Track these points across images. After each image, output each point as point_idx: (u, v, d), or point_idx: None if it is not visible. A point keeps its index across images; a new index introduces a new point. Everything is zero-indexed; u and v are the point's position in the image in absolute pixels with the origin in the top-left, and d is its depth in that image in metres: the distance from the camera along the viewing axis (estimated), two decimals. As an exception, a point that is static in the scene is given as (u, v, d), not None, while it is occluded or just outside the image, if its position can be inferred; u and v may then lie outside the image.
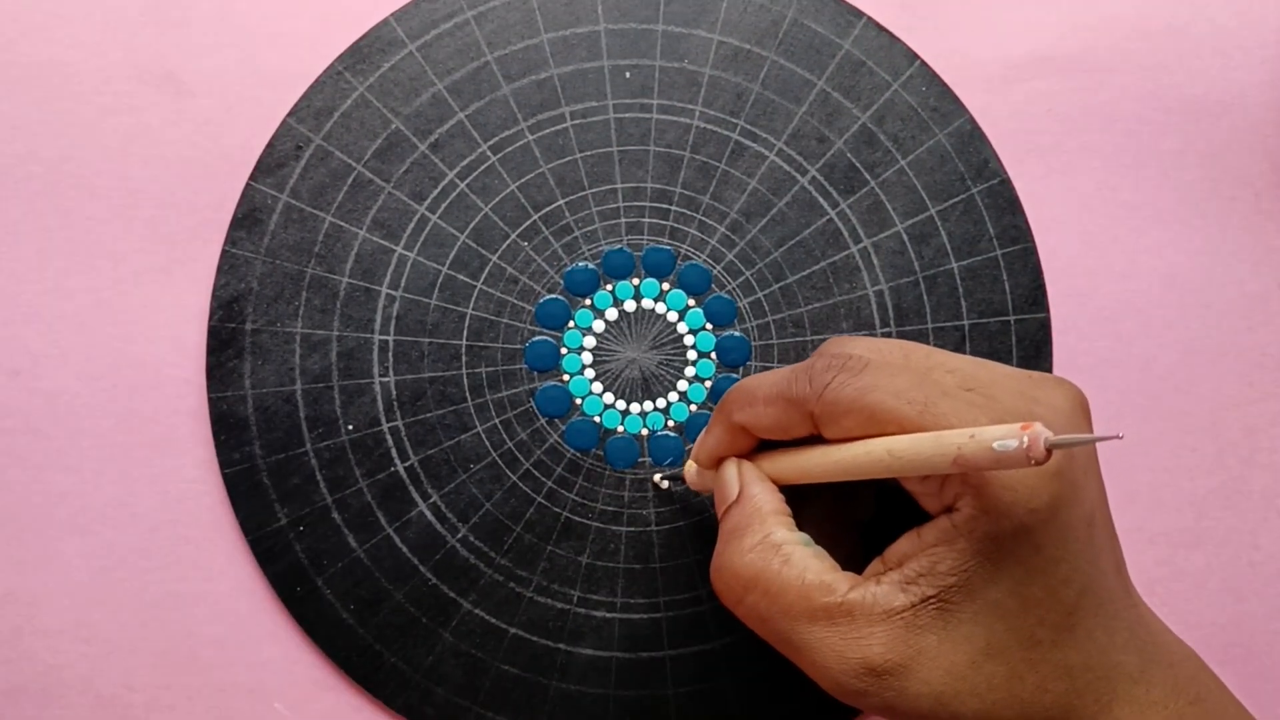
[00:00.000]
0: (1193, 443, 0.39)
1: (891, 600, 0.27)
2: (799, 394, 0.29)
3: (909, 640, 0.27)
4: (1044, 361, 0.39)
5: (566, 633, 0.38)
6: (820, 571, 0.29)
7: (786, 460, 0.31)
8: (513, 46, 0.39)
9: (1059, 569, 0.27)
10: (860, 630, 0.28)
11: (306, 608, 0.38)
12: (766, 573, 0.29)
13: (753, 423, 0.31)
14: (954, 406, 0.27)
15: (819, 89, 0.39)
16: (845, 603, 0.28)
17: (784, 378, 0.30)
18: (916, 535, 0.28)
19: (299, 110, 0.39)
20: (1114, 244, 0.40)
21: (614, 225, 0.39)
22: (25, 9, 0.39)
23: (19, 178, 0.39)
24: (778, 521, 0.30)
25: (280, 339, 0.38)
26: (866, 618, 0.27)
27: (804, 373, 0.29)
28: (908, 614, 0.27)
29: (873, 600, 0.28)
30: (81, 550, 0.38)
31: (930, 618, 0.27)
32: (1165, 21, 0.40)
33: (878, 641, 0.27)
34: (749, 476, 0.31)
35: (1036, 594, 0.27)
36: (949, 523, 0.27)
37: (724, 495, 0.31)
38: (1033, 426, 0.24)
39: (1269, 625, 0.39)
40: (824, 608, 0.28)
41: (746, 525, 0.30)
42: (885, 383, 0.28)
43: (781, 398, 0.30)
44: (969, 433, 0.25)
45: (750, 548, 0.29)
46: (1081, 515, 0.28)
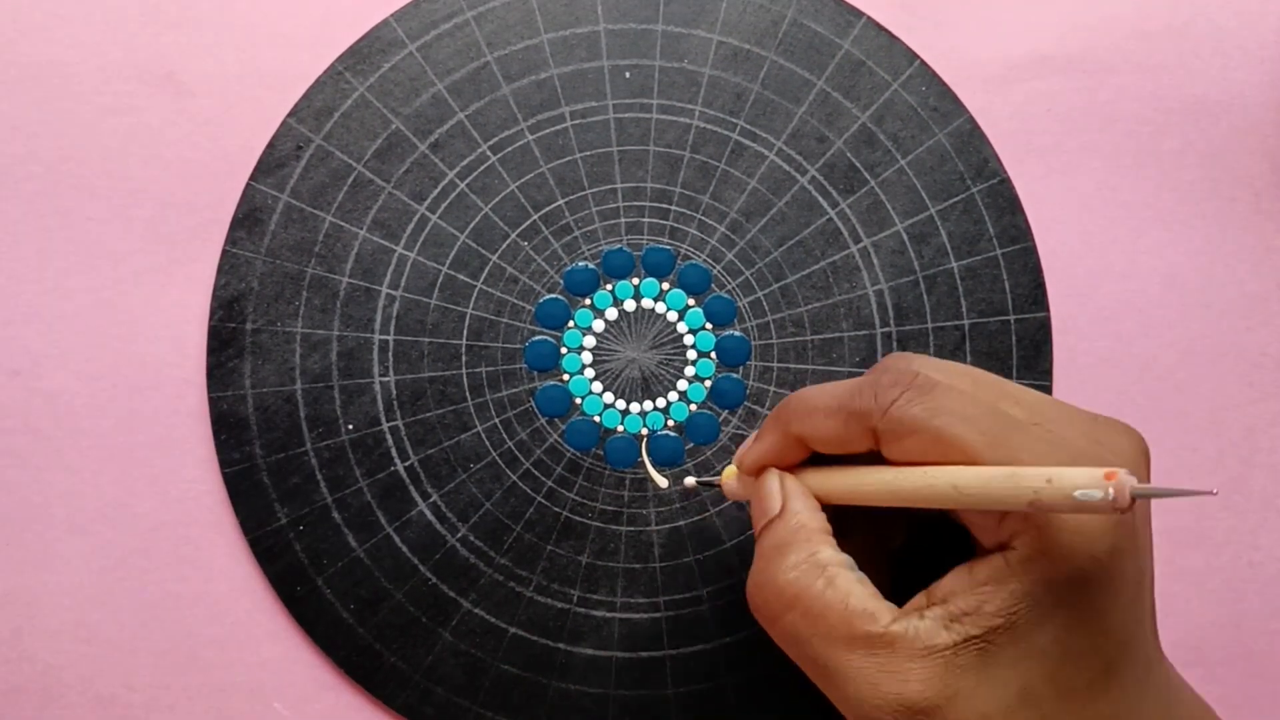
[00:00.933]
0: (1193, 443, 0.39)
1: (934, 637, 0.27)
2: (862, 408, 0.28)
3: (947, 680, 0.26)
4: (1044, 361, 0.39)
5: (566, 632, 0.38)
6: (864, 598, 0.28)
7: (838, 478, 0.30)
8: (513, 46, 0.39)
9: (1105, 620, 0.27)
10: (899, 664, 0.27)
11: (306, 608, 0.38)
12: (809, 593, 0.28)
13: (810, 434, 0.30)
14: (1024, 442, 0.26)
15: (819, 89, 0.39)
16: (887, 634, 0.27)
17: (846, 390, 0.29)
18: (968, 571, 0.27)
19: (299, 110, 0.39)
20: (1114, 244, 0.40)
21: (614, 225, 0.39)
22: (25, 9, 0.39)
23: (19, 178, 0.39)
24: (823, 541, 0.29)
25: (280, 339, 0.38)
26: (907, 651, 0.27)
27: (869, 386, 0.28)
28: (949, 653, 0.26)
29: (914, 634, 0.27)
30: (81, 550, 0.38)
31: (971, 658, 0.26)
32: (1165, 21, 0.40)
33: (916, 678, 0.26)
34: (792, 491, 0.30)
35: (1079, 644, 0.26)
36: (1003, 561, 0.26)
37: (765, 509, 0.30)
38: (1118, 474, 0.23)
39: (1269, 625, 0.39)
40: (865, 636, 0.27)
41: (790, 542, 0.29)
42: (955, 407, 0.27)
43: (844, 410, 0.29)
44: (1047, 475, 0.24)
45: (793, 565, 0.28)
46: (1135, 567, 0.27)
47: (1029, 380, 0.39)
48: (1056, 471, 0.24)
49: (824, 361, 0.39)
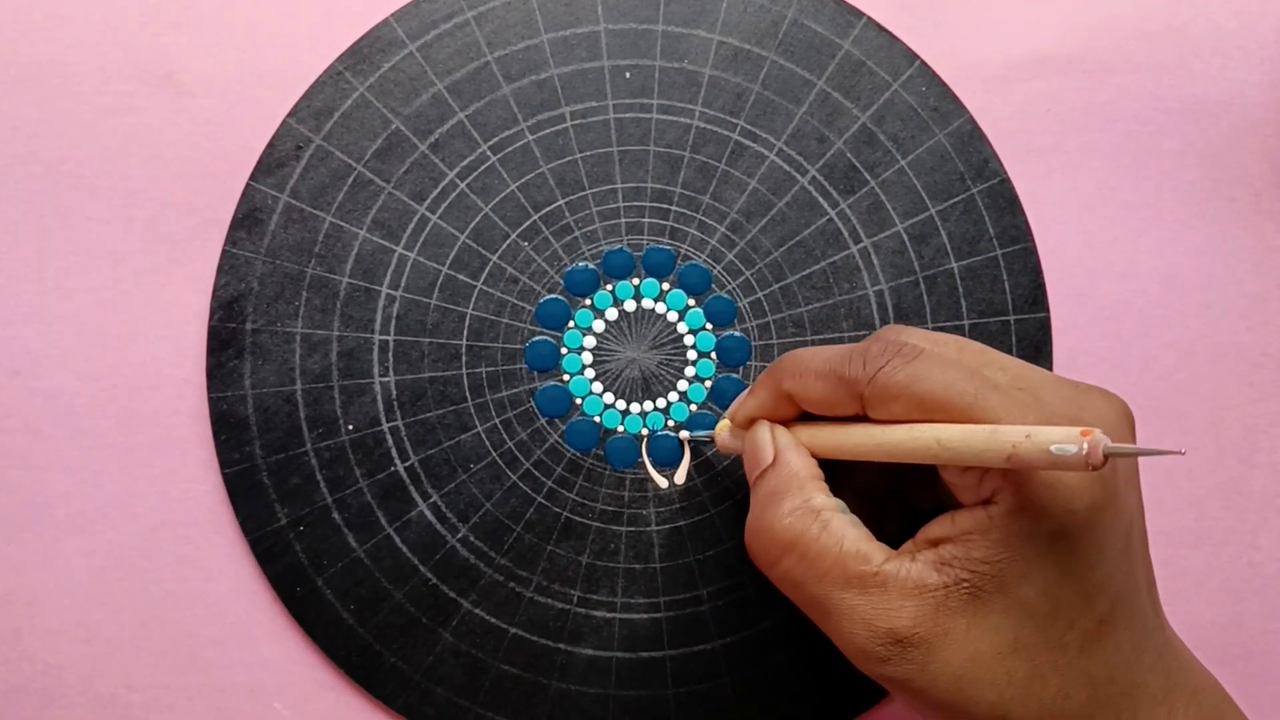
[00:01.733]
0: (1193, 443, 0.39)
1: (925, 577, 0.28)
2: (851, 374, 0.29)
3: (937, 619, 0.27)
4: (1044, 361, 0.39)
5: (566, 633, 0.38)
6: (857, 540, 0.29)
7: (826, 433, 0.31)
8: (513, 47, 0.39)
9: (1094, 575, 0.27)
10: (891, 601, 0.28)
11: (306, 608, 0.38)
12: (805, 537, 0.29)
13: (801, 393, 0.31)
14: (1004, 402, 0.27)
15: (819, 89, 0.39)
16: (880, 573, 0.28)
17: (838, 355, 0.30)
18: (950, 520, 0.28)
19: (299, 110, 0.39)
20: (1114, 244, 0.40)
21: (614, 225, 0.39)
22: (25, 9, 0.39)
23: (19, 178, 0.39)
24: (815, 486, 0.30)
25: (280, 339, 0.38)
26: (899, 590, 0.28)
27: (859, 354, 0.29)
28: (939, 593, 0.27)
29: (906, 574, 0.28)
30: (81, 550, 0.38)
31: (961, 601, 0.27)
32: (1165, 21, 0.40)
33: (907, 614, 0.27)
34: (784, 441, 0.31)
35: (1069, 598, 0.27)
36: (985, 514, 0.27)
37: (758, 459, 0.31)
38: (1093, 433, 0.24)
39: (1269, 625, 0.39)
40: (859, 575, 0.28)
41: (785, 489, 0.30)
42: (938, 373, 0.28)
43: (834, 374, 0.30)
44: (1025, 431, 0.25)
45: (789, 511, 0.29)
46: (1120, 524, 0.28)
47: (1029, 380, 0.39)
48: (1035, 429, 0.25)
49: (824, 361, 0.39)
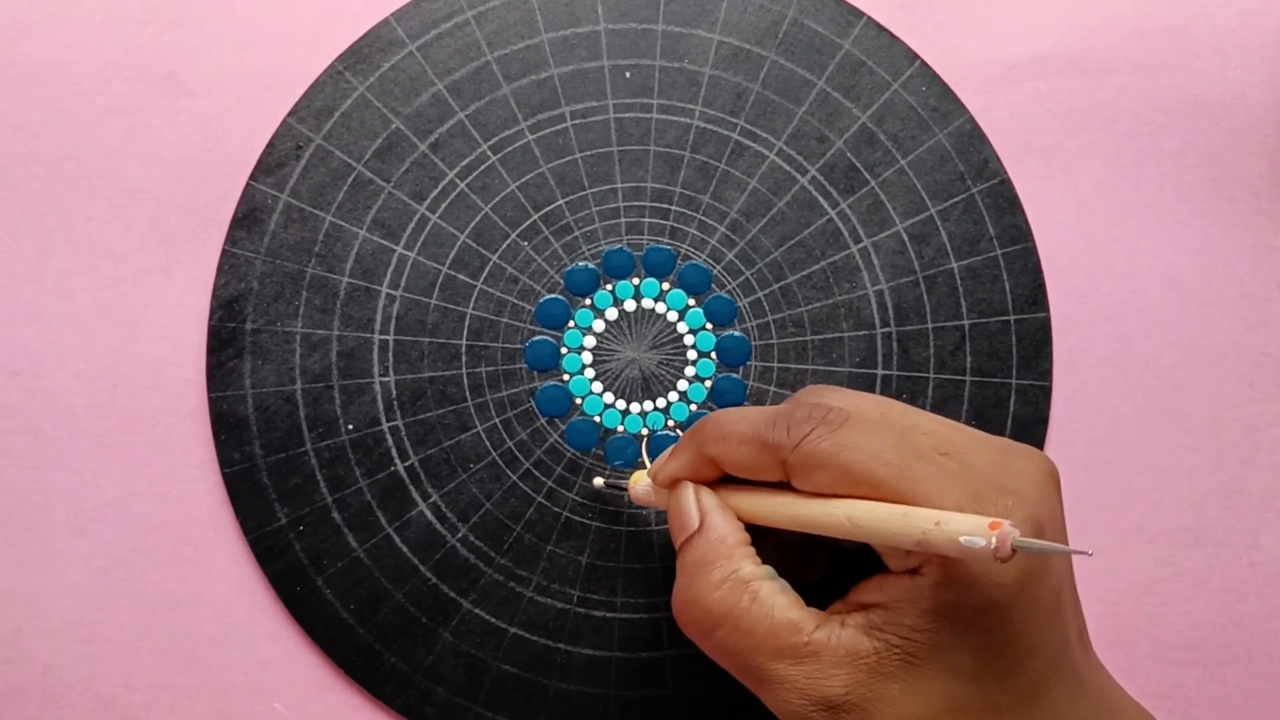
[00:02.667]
0: (1193, 443, 0.39)
1: (857, 644, 0.28)
2: (775, 440, 0.29)
3: (870, 684, 0.27)
4: (1044, 361, 0.39)
5: (566, 633, 0.38)
6: (787, 608, 0.29)
7: (747, 500, 0.31)
8: (513, 46, 0.39)
9: (1025, 640, 0.27)
10: (824, 670, 0.28)
11: (306, 608, 0.38)
12: (736, 610, 0.29)
13: (723, 458, 0.30)
14: (929, 472, 0.27)
15: (819, 89, 0.39)
16: (811, 642, 0.28)
17: (762, 420, 0.30)
18: (880, 585, 0.28)
19: (299, 110, 0.39)
20: (1114, 244, 0.40)
21: (614, 225, 0.39)
22: (25, 9, 0.39)
23: (19, 178, 0.39)
24: (744, 554, 0.30)
25: (280, 339, 0.38)
26: (831, 658, 0.28)
27: (783, 419, 0.29)
28: (871, 659, 0.27)
29: (837, 642, 0.28)
30: (81, 550, 0.38)
31: (895, 666, 0.27)
32: (1165, 21, 0.40)
33: (839, 682, 0.27)
34: (709, 505, 0.31)
35: (1002, 662, 0.27)
36: (913, 584, 0.27)
37: (683, 524, 0.31)
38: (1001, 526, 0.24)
39: (1269, 625, 0.39)
40: (790, 647, 0.28)
41: (713, 558, 0.30)
42: (863, 441, 0.28)
43: (757, 440, 0.29)
44: (935, 518, 0.26)
45: (718, 584, 0.29)
46: (1049, 588, 0.28)
47: (1029, 380, 0.39)
48: (945, 516, 0.25)
49: (824, 362, 0.39)
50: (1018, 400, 0.39)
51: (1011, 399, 0.39)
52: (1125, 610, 0.38)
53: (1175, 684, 0.38)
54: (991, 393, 0.39)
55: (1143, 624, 0.39)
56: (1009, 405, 0.39)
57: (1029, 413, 0.39)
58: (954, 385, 0.39)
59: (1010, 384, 0.39)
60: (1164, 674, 0.38)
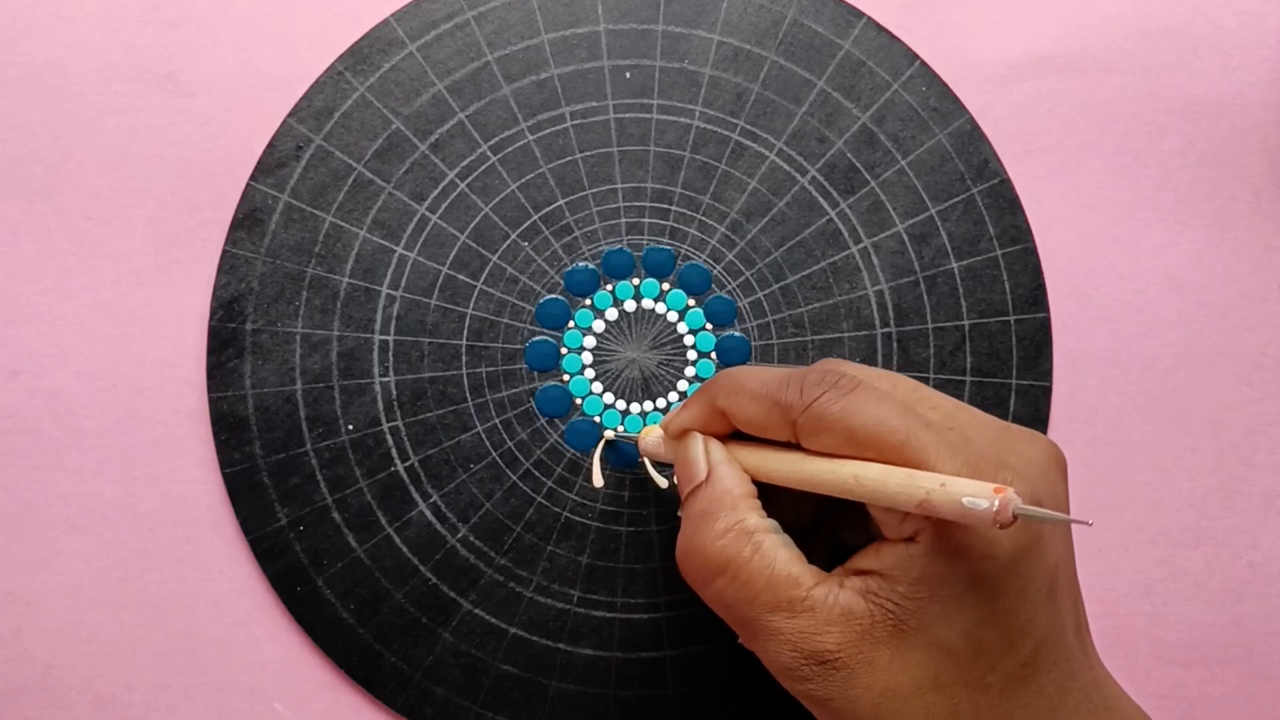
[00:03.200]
0: (1193, 443, 0.39)
1: (852, 605, 0.28)
2: (787, 400, 0.29)
3: (861, 646, 0.28)
4: (1044, 361, 0.39)
5: (566, 633, 0.38)
6: (788, 562, 0.29)
7: (755, 455, 0.31)
8: (513, 47, 0.39)
9: (1015, 619, 0.27)
10: (818, 626, 0.28)
11: (306, 608, 0.38)
12: (737, 560, 0.29)
13: (735, 413, 0.31)
14: (934, 441, 0.27)
15: (819, 89, 0.39)
16: (809, 597, 0.28)
17: (776, 379, 0.30)
18: (876, 553, 0.28)
19: (299, 110, 0.39)
20: (1114, 244, 0.40)
21: (614, 225, 0.39)
22: (25, 9, 0.39)
23: (19, 178, 0.39)
24: (749, 506, 0.30)
25: (280, 339, 0.38)
26: (826, 615, 0.28)
27: (796, 381, 0.29)
28: (865, 621, 0.28)
29: (834, 601, 0.28)
30: (81, 550, 0.38)
31: (886, 632, 0.28)
32: (1165, 21, 0.40)
33: (832, 639, 0.28)
34: (717, 457, 0.31)
35: (990, 640, 0.27)
36: (906, 551, 0.28)
37: (690, 474, 0.31)
38: (1005, 491, 0.24)
39: (1269, 625, 0.39)
40: (788, 600, 0.28)
41: (717, 509, 0.30)
42: (871, 407, 0.28)
43: (769, 398, 0.30)
44: (940, 480, 0.26)
45: (721, 533, 0.29)
46: (1044, 569, 0.28)
47: (1029, 380, 0.39)
48: (950, 478, 0.26)
49: (824, 361, 0.39)
50: (1018, 400, 0.39)
51: (1011, 399, 0.39)
52: (1125, 610, 0.38)
53: (1175, 684, 0.38)
54: (991, 393, 0.39)
55: (1143, 624, 0.39)
56: (1009, 405, 0.39)
57: (1029, 413, 0.39)
58: (954, 385, 0.39)
59: (1010, 384, 0.39)
60: (1164, 674, 0.38)
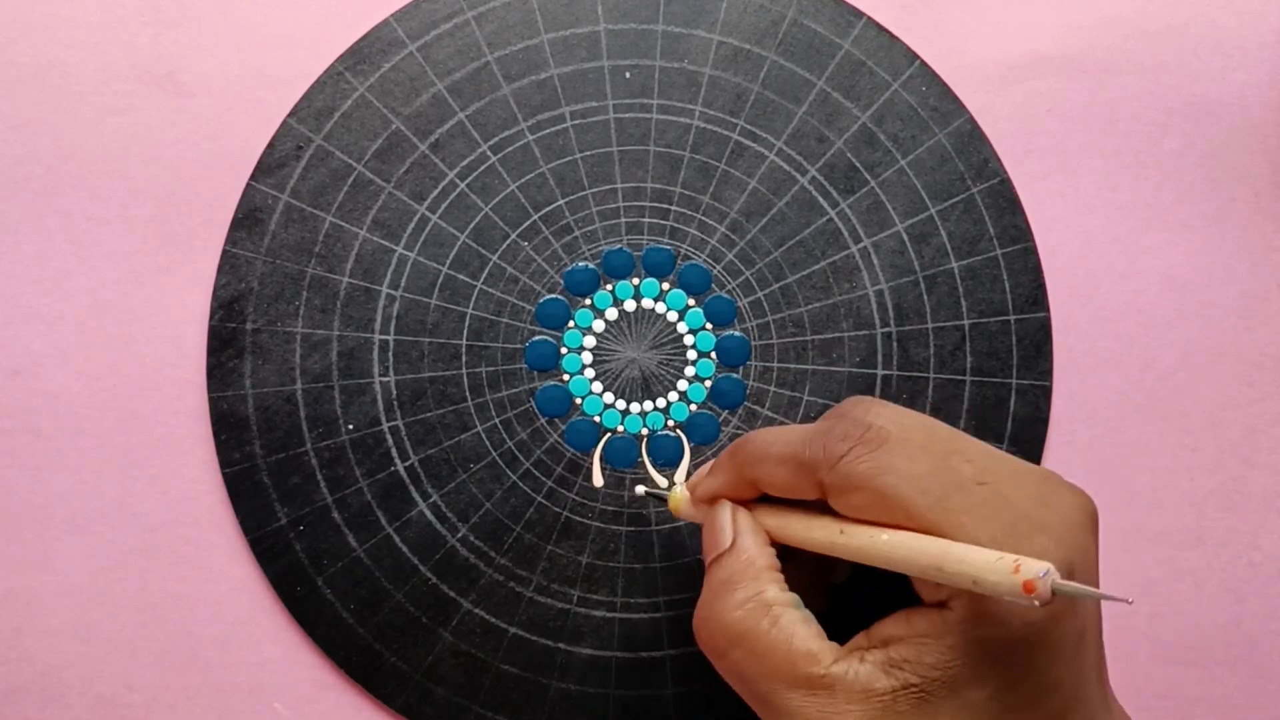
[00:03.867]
0: (1193, 443, 0.39)
1: (873, 681, 0.27)
2: (811, 459, 0.29)
3: None
4: (1044, 361, 0.39)
5: (566, 633, 0.38)
6: (807, 638, 0.28)
7: (788, 522, 0.30)
8: (513, 47, 0.39)
9: (1045, 678, 0.27)
10: (838, 705, 0.27)
11: (306, 608, 0.38)
12: (754, 632, 0.29)
13: (762, 480, 0.30)
14: (966, 504, 0.27)
15: (819, 89, 0.39)
16: (828, 675, 0.28)
17: (799, 438, 0.29)
18: (906, 620, 0.28)
19: (299, 110, 0.39)
20: (1114, 244, 0.40)
21: (614, 225, 0.39)
22: (25, 9, 0.39)
23: (19, 178, 0.39)
24: (770, 579, 0.30)
25: (280, 339, 0.38)
26: (846, 694, 0.27)
27: (820, 437, 0.29)
28: (887, 698, 0.27)
29: (854, 678, 0.27)
30: (81, 550, 0.38)
31: (909, 705, 0.27)
32: (1165, 21, 0.40)
33: (852, 718, 0.27)
34: (744, 526, 0.31)
35: (1019, 701, 0.27)
36: (940, 617, 0.27)
37: (715, 542, 0.31)
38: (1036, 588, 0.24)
39: (1269, 625, 0.39)
40: (806, 677, 0.28)
41: (739, 579, 0.29)
42: (901, 465, 0.27)
43: (794, 460, 0.29)
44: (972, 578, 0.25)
45: (740, 604, 0.29)
46: (1075, 628, 0.28)
47: (1029, 380, 0.39)
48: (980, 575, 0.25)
49: (824, 361, 0.39)
50: (1018, 400, 0.39)
51: (1011, 399, 0.39)
52: (1125, 610, 0.38)
53: (1175, 684, 0.38)
54: (991, 393, 0.39)
55: (1143, 624, 0.39)
56: (1009, 405, 0.39)
57: (1029, 413, 0.39)
58: (954, 385, 0.39)
59: (1010, 384, 0.39)
60: (1164, 674, 0.38)
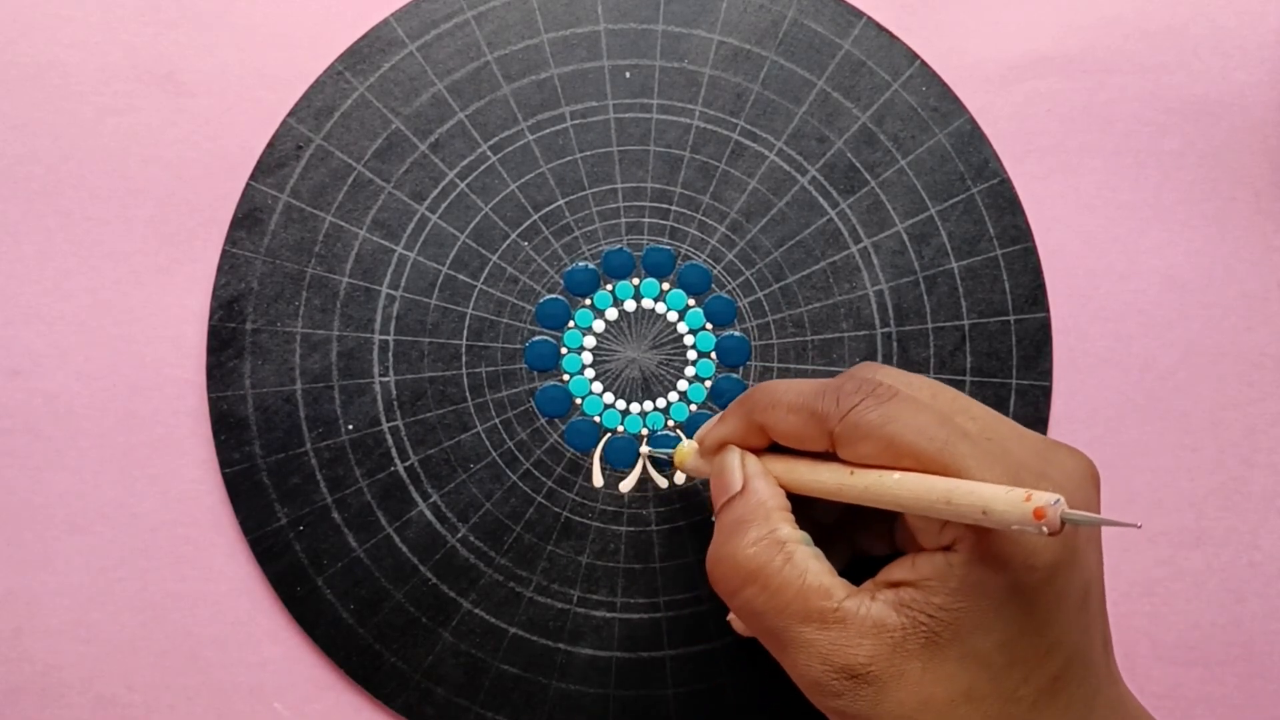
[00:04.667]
0: (1193, 443, 0.39)
1: (885, 617, 0.28)
2: (823, 410, 0.29)
3: (893, 659, 0.27)
4: (1044, 361, 0.39)
5: (566, 633, 0.38)
6: (820, 574, 0.29)
7: (796, 467, 0.31)
8: (513, 46, 0.39)
9: (1050, 631, 0.27)
10: (850, 637, 0.28)
11: (306, 608, 0.38)
12: (768, 569, 0.29)
13: (772, 426, 0.31)
14: (973, 451, 0.27)
15: (819, 89, 0.39)
16: (840, 609, 0.28)
17: (812, 390, 0.30)
18: (911, 563, 0.28)
19: (299, 110, 0.39)
20: (1114, 244, 0.40)
21: (614, 225, 0.39)
22: (25, 9, 0.39)
23: (19, 178, 0.39)
24: (782, 517, 0.30)
25: (280, 339, 0.38)
26: (858, 627, 0.28)
27: (832, 390, 0.29)
28: (897, 634, 0.27)
29: (866, 612, 0.28)
30: (81, 550, 0.38)
31: (919, 644, 0.27)
32: (1165, 21, 0.40)
33: (864, 651, 0.27)
34: (753, 469, 0.31)
35: (1025, 652, 0.27)
36: (944, 561, 0.27)
37: (726, 485, 0.31)
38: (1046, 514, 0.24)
39: (1269, 625, 0.39)
40: (819, 611, 0.28)
41: (751, 518, 0.30)
42: (909, 416, 0.28)
43: (806, 409, 0.30)
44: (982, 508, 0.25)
45: (753, 541, 0.29)
46: (1079, 583, 0.28)
47: (1029, 380, 0.39)
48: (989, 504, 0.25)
49: (824, 362, 0.39)
50: (1018, 400, 0.39)
51: (1011, 399, 0.39)
52: (1125, 610, 0.38)
53: (1175, 684, 0.38)
54: (991, 393, 0.39)
55: (1143, 624, 0.39)
56: (1009, 405, 0.39)
57: (1029, 413, 0.39)
58: (954, 385, 0.39)
59: (1010, 384, 0.39)
60: (1164, 674, 0.38)
